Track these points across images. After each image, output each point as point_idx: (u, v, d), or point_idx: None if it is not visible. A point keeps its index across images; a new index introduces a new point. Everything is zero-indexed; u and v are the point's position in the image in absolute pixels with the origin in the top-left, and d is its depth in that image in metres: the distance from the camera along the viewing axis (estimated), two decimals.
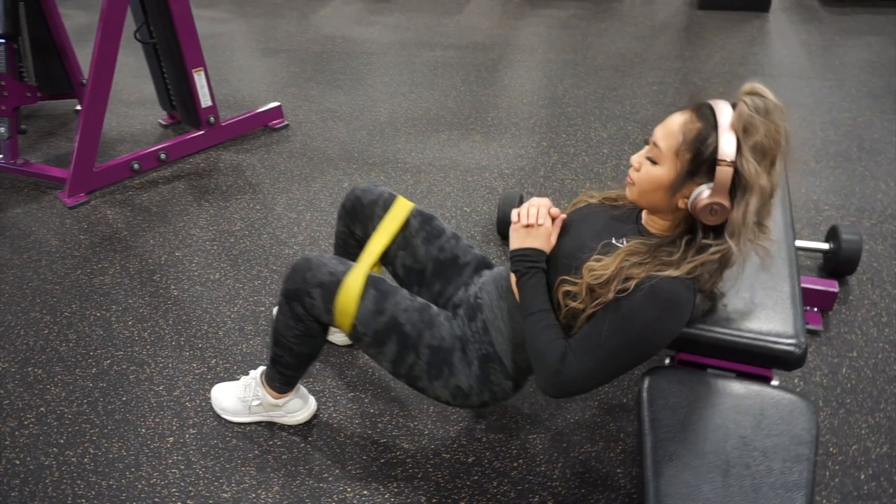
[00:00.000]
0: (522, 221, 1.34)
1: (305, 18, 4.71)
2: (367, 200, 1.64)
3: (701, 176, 1.15)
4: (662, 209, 1.23)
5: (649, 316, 1.14)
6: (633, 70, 3.71)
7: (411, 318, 1.41)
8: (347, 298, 1.38)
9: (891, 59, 3.71)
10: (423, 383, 1.44)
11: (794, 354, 1.21)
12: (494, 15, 4.64)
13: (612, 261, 1.19)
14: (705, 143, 1.13)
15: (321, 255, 1.44)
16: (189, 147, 2.97)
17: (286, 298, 1.45)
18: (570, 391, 1.23)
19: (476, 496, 1.55)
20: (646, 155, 1.22)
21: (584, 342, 1.20)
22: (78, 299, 2.18)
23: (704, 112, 1.16)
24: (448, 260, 1.60)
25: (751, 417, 1.10)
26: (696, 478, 1.01)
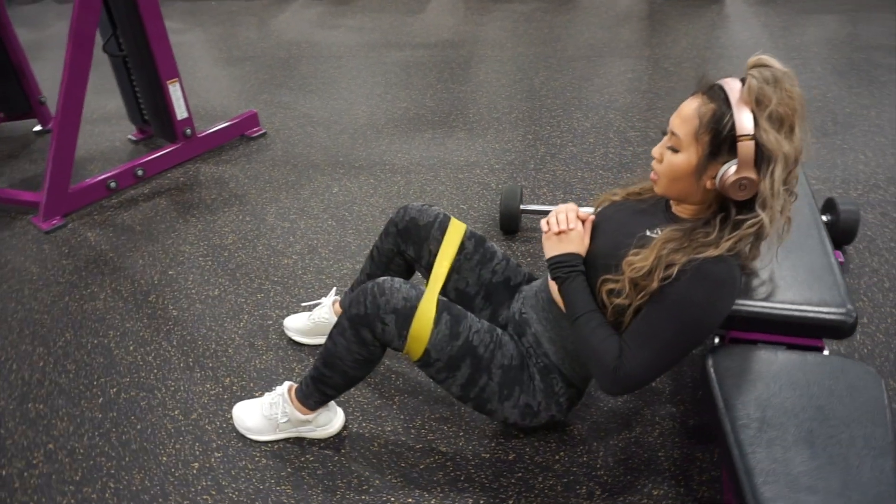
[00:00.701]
0: (553, 229, 1.34)
1: (265, 24, 4.60)
2: (423, 222, 1.61)
3: (723, 155, 1.15)
4: (691, 195, 1.24)
5: (699, 298, 1.14)
6: (604, 59, 3.75)
7: (483, 339, 1.40)
8: (423, 324, 1.36)
9: (848, 35, 3.84)
10: (493, 405, 1.43)
11: (847, 323, 1.23)
12: (458, 12, 4.62)
13: (650, 252, 1.19)
14: (722, 122, 1.14)
15: (392, 280, 1.40)
16: (167, 161, 2.85)
17: (354, 323, 1.41)
18: (632, 386, 1.23)
19: (523, 493, 1.52)
20: (666, 145, 1.23)
21: (638, 335, 1.19)
22: (71, 327, 2.07)
23: (715, 92, 1.17)
24: (500, 283, 1.60)
25: (822, 387, 1.10)
26: (785, 452, 1.00)
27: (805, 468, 0.98)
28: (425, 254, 1.63)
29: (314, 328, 1.90)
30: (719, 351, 1.22)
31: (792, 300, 1.26)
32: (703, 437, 1.61)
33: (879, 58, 3.54)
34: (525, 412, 1.45)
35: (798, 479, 0.98)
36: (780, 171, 1.13)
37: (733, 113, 1.13)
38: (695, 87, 1.23)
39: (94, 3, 2.41)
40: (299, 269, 2.26)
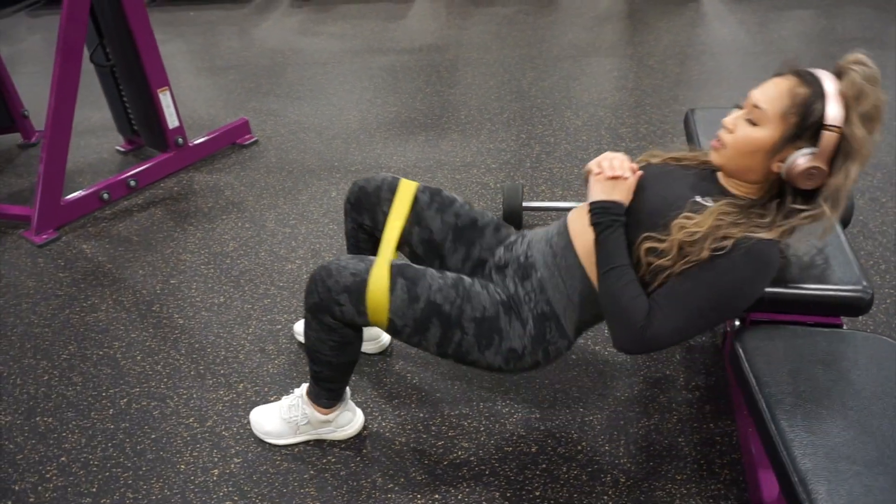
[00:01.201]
0: (607, 173, 1.28)
1: (246, 34, 4.58)
2: (371, 188, 1.58)
3: (802, 140, 1.15)
4: (752, 172, 1.22)
5: (745, 275, 1.14)
6: (589, 59, 3.80)
7: (448, 296, 1.35)
8: (377, 295, 1.33)
9: (822, 29, 3.94)
10: (474, 356, 1.38)
11: (864, 300, 1.26)
12: (440, 17, 4.65)
13: (704, 219, 1.17)
14: (812, 108, 1.13)
15: (338, 259, 1.38)
16: (159, 171, 2.82)
17: (313, 313, 1.39)
18: (654, 348, 1.20)
19: (549, 484, 1.53)
20: (745, 117, 1.22)
21: (673, 298, 1.18)
22: (74, 340, 2.03)
23: (809, 79, 1.16)
24: (467, 224, 1.54)
25: (847, 361, 1.13)
26: (821, 424, 1.02)
27: (841, 439, 1.00)
28: (381, 218, 1.57)
29: None
30: (745, 332, 1.24)
31: (809, 281, 1.28)
32: (721, 421, 1.64)
33: (855, 50, 3.63)
34: (509, 357, 1.38)
35: (835, 449, 1.00)
36: (855, 170, 1.14)
37: (826, 102, 1.13)
38: (781, 69, 1.23)
39: (81, 16, 2.38)
40: (304, 273, 2.25)
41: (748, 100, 1.22)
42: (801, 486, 0.96)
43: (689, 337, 1.21)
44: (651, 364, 1.82)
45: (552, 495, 1.50)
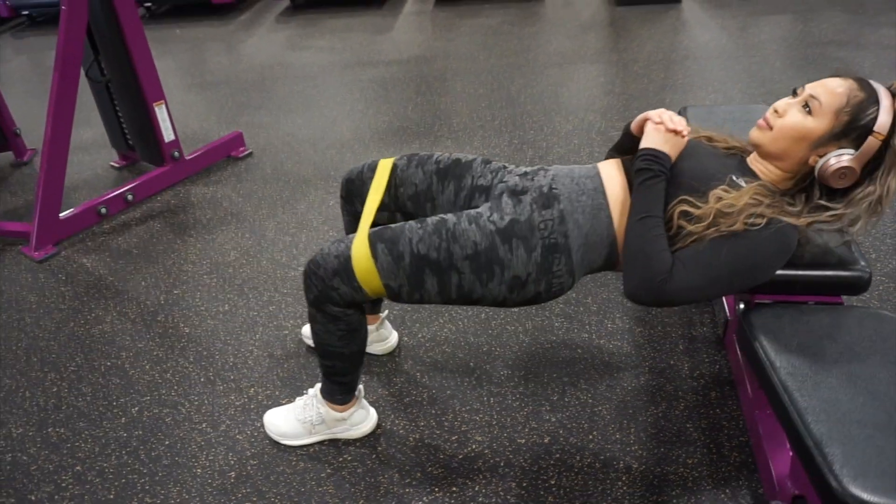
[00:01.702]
0: (668, 124, 1.32)
1: (234, 49, 4.61)
2: (354, 175, 1.65)
3: (846, 140, 1.22)
4: (790, 158, 1.28)
5: (768, 252, 1.20)
6: (575, 66, 3.87)
7: (431, 243, 1.35)
8: (364, 266, 1.35)
9: (801, 33, 4.06)
10: (479, 292, 1.38)
11: (864, 279, 1.31)
12: (426, 29, 4.72)
13: (741, 195, 1.22)
14: (865, 112, 1.20)
15: (320, 249, 1.42)
16: (156, 185, 2.83)
17: (315, 307, 1.43)
18: (669, 301, 1.23)
19: (564, 473, 1.55)
20: (800, 104, 1.27)
21: (698, 259, 1.22)
22: (81, 351, 2.03)
23: (867, 86, 1.23)
24: (449, 165, 1.56)
25: (851, 334, 1.18)
26: (831, 392, 1.07)
27: (851, 406, 1.05)
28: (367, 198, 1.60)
29: None
30: (753, 312, 1.28)
31: (810, 262, 1.33)
32: (727, 407, 1.68)
33: (832, 52, 3.75)
34: (513, 284, 1.37)
35: (847, 415, 1.04)
36: (894, 180, 1.21)
37: (880, 110, 1.20)
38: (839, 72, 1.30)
39: (79, 33, 2.40)
40: None
41: (804, 90, 1.27)
42: (817, 449, 1.00)
43: (703, 298, 1.25)
44: (655, 355, 1.86)
45: (567, 483, 1.53)
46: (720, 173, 1.31)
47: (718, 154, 1.41)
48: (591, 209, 1.37)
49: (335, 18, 5.07)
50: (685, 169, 1.33)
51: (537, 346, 1.92)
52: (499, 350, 1.92)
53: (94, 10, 2.51)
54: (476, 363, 1.88)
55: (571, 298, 2.09)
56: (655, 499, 1.48)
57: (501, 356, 1.89)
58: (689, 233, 1.25)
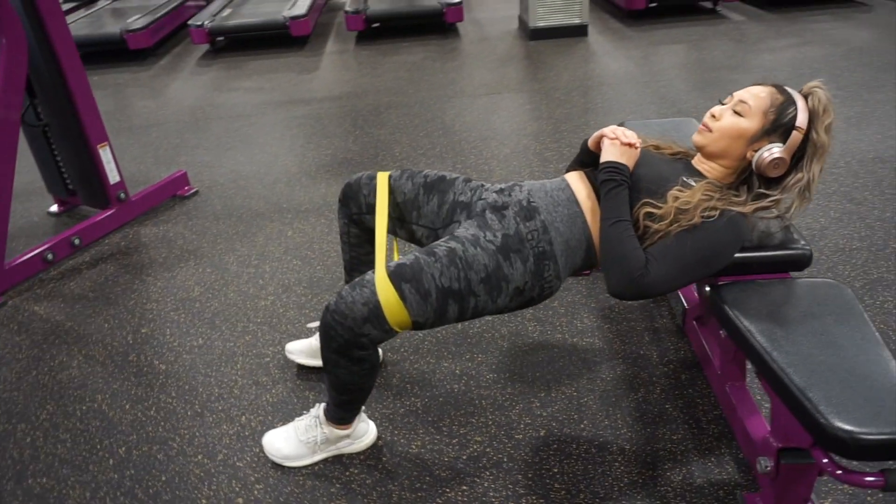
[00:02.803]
0: (622, 139, 1.49)
1: (159, 93, 4.54)
2: (353, 181, 1.75)
3: (775, 136, 1.44)
4: (731, 155, 1.49)
5: (726, 239, 1.38)
6: (501, 95, 4.10)
7: (451, 275, 1.42)
8: (395, 309, 1.39)
9: (696, 60, 4.48)
10: (490, 308, 1.48)
11: (807, 255, 1.52)
12: (351, 67, 4.84)
13: (694, 192, 1.41)
14: (786, 112, 1.43)
15: (340, 297, 1.42)
16: (103, 227, 2.76)
17: (340, 353, 1.43)
18: (647, 293, 1.38)
19: (564, 461, 1.66)
20: (732, 108, 1.49)
21: (667, 253, 1.38)
22: (50, 399, 1.95)
23: (783, 91, 1.47)
24: (435, 180, 1.67)
25: (809, 301, 1.37)
26: (803, 347, 1.24)
27: (822, 357, 1.22)
28: (362, 201, 1.71)
29: None
30: (723, 289, 1.45)
31: (759, 245, 1.54)
32: (697, 386, 1.85)
33: (725, 75, 4.18)
34: (514, 295, 1.48)
35: (819, 365, 1.21)
36: (818, 168, 1.43)
37: (798, 109, 1.43)
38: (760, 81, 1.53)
39: (19, 81, 2.34)
40: (279, 307, 2.28)
41: (732, 98, 1.50)
42: (802, 395, 1.16)
43: (677, 287, 1.41)
44: (625, 347, 2.01)
45: (569, 469, 1.63)
46: (672, 176, 1.50)
47: (667, 160, 1.60)
48: (568, 217, 1.52)
49: (257, 60, 5.10)
50: (642, 176, 1.51)
51: (516, 350, 2.03)
52: (481, 356, 2.01)
53: (33, 54, 2.45)
54: (462, 370, 1.96)
55: (540, 304, 2.22)
56: (651, 474, 1.61)
57: (484, 361, 1.99)
58: (654, 231, 1.43)
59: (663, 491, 1.56)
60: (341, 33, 5.71)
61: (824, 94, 1.45)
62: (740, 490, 1.55)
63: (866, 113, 3.46)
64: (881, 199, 2.70)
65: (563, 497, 1.56)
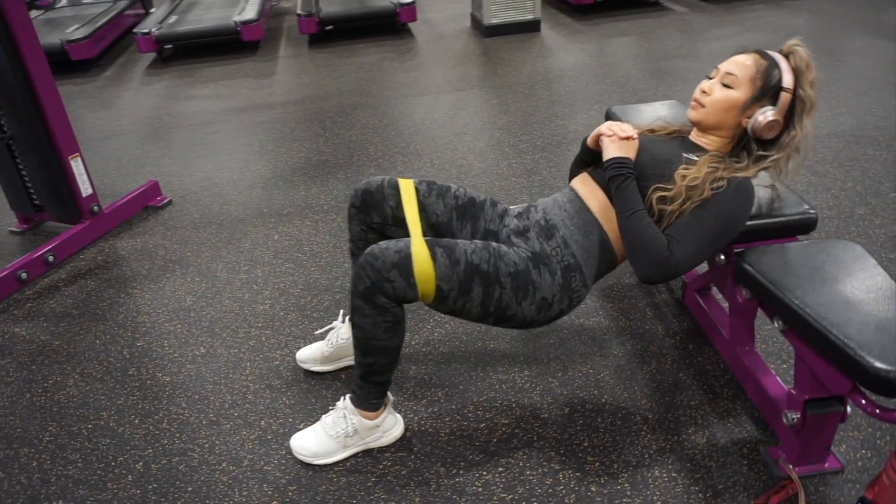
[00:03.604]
0: (620, 134, 1.55)
1: (111, 105, 4.38)
2: (374, 188, 1.70)
3: (765, 100, 1.51)
4: (726, 126, 1.56)
5: (738, 205, 1.45)
6: (466, 92, 4.13)
7: (482, 256, 1.48)
8: (423, 265, 1.44)
9: (648, 50, 4.63)
10: (513, 309, 1.51)
11: (813, 219, 1.62)
12: (310, 71, 4.78)
13: (699, 168, 1.48)
14: (772, 75, 1.51)
15: (377, 244, 1.47)
16: (77, 242, 2.64)
17: (364, 297, 1.46)
18: (675, 274, 1.44)
19: (592, 434, 1.69)
20: (720, 81, 1.55)
21: (686, 231, 1.44)
22: (51, 420, 1.86)
23: (766, 55, 1.54)
24: (466, 203, 1.70)
25: (820, 258, 1.45)
26: (826, 297, 1.33)
27: (853, 307, 1.30)
28: (388, 212, 1.69)
29: (336, 352, 1.92)
30: (745, 254, 1.52)
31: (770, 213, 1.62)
32: (705, 354, 1.92)
33: (678, 63, 4.33)
34: (542, 306, 1.53)
35: (846, 309, 1.29)
36: (810, 122, 1.51)
37: (782, 71, 1.50)
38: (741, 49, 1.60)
39: None
40: (279, 310, 2.24)
41: (718, 71, 1.55)
42: (842, 341, 1.23)
43: (701, 261, 1.47)
44: (631, 324, 2.07)
45: (598, 442, 1.67)
46: (674, 156, 1.56)
47: (665, 141, 1.67)
48: (583, 227, 1.58)
49: (210, 67, 4.97)
50: (645, 163, 1.57)
51: (525, 335, 2.06)
52: (492, 344, 2.03)
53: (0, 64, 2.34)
54: (476, 358, 1.97)
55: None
56: (677, 439, 1.66)
57: (497, 348, 2.01)
58: (669, 212, 1.49)
59: (691, 453, 1.62)
60: (293, 37, 5.64)
61: (804, 51, 1.53)
62: (762, 446, 1.62)
63: None
64: (841, 170, 2.86)
65: (597, 469, 1.60)
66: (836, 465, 1.54)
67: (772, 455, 1.57)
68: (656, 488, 1.54)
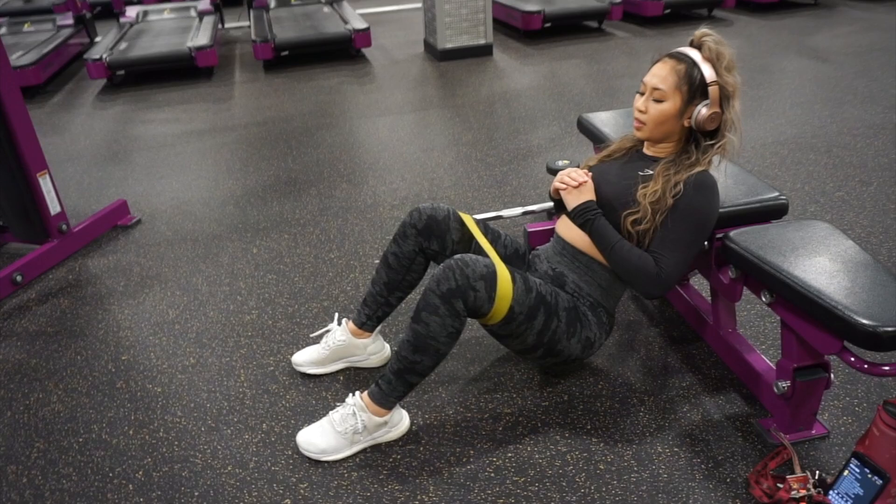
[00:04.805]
0: (572, 184, 1.67)
1: (62, 130, 4.26)
2: (440, 216, 1.79)
3: (696, 99, 1.60)
4: (671, 133, 1.66)
5: (703, 200, 1.58)
6: (428, 111, 4.23)
7: (547, 290, 1.63)
8: (505, 284, 1.54)
9: (598, 71, 4.86)
10: (563, 344, 1.65)
11: (785, 204, 1.74)
12: (268, 94, 4.78)
13: (656, 181, 1.60)
14: (693, 76, 1.58)
15: (466, 254, 1.55)
16: (46, 262, 2.56)
17: (444, 298, 1.51)
18: (670, 285, 1.58)
19: (593, 417, 1.75)
20: (652, 98, 1.63)
21: (666, 244, 1.57)
22: (37, 437, 1.79)
23: (680, 56, 1.61)
24: (513, 253, 1.85)
25: (795, 237, 1.57)
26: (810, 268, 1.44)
27: (836, 276, 1.41)
28: (449, 244, 1.80)
29: (332, 354, 1.93)
30: (729, 238, 1.63)
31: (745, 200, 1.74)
32: (689, 341, 2.02)
33: (626, 82, 4.56)
34: (585, 345, 1.69)
35: (837, 281, 1.40)
36: (738, 104, 1.61)
37: (701, 68, 1.58)
38: (656, 57, 1.67)
39: None
40: (267, 319, 2.23)
41: (646, 86, 1.65)
42: (825, 298, 1.35)
43: (689, 264, 1.61)
44: (617, 316, 2.15)
45: (601, 424, 1.73)
46: (631, 178, 1.68)
47: (621, 163, 1.78)
48: (586, 266, 1.71)
49: (165, 93, 4.91)
50: (608, 194, 1.69)
51: None
52: (486, 341, 2.07)
53: None
54: (472, 355, 2.01)
55: None
56: (674, 417, 1.74)
57: (492, 344, 2.05)
58: (643, 231, 1.61)
59: (689, 429, 1.69)
60: (247, 63, 5.63)
61: (712, 39, 1.60)
62: (753, 418, 1.71)
63: (754, 107, 3.91)
64: (789, 173, 3.07)
65: (602, 448, 1.65)
66: (823, 430, 1.64)
67: (763, 426, 1.67)
68: (661, 462, 1.60)
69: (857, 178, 2.98)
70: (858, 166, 3.09)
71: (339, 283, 2.41)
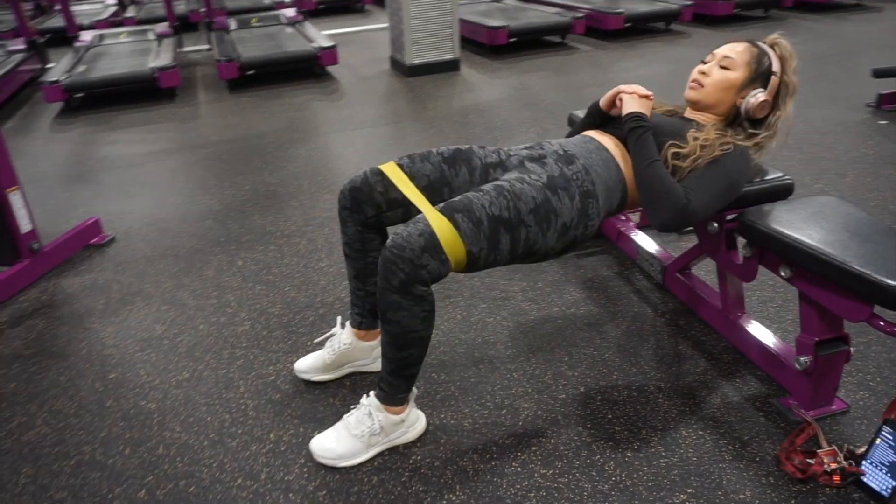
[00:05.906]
0: (640, 93, 1.68)
1: (21, 153, 4.08)
2: (359, 183, 1.66)
3: (756, 83, 1.69)
4: (723, 104, 1.71)
5: (742, 167, 1.60)
6: (403, 124, 4.20)
7: (501, 204, 1.46)
8: (449, 236, 1.41)
9: (567, 82, 4.92)
10: (539, 243, 1.51)
11: (791, 185, 1.76)
12: (236, 113, 4.69)
13: (708, 132, 1.62)
14: (763, 61, 1.69)
15: (394, 237, 1.43)
16: (17, 282, 2.41)
17: (401, 291, 1.41)
18: (692, 220, 1.53)
19: (614, 407, 1.71)
20: (719, 64, 1.72)
21: (701, 183, 1.56)
22: (23, 462, 1.65)
23: (756, 44, 1.72)
24: (453, 153, 1.68)
25: (806, 211, 1.59)
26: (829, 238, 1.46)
27: (857, 243, 1.43)
28: (379, 199, 1.64)
29: (338, 359, 1.85)
30: (746, 215, 1.63)
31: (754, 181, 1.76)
32: (697, 328, 2.01)
33: (597, 91, 4.53)
34: (561, 232, 1.54)
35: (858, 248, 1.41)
36: (791, 104, 1.69)
37: (771, 58, 1.69)
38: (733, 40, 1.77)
39: None
40: (261, 329, 2.14)
41: (714, 56, 1.72)
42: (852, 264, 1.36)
43: (713, 212, 1.60)
44: (620, 308, 2.13)
45: (621, 413, 1.69)
46: (682, 124, 1.70)
47: (664, 114, 1.81)
48: (603, 162, 1.64)
49: (127, 114, 4.77)
50: (660, 123, 1.70)
51: (523, 327, 2.07)
52: (492, 338, 2.03)
53: None
54: (480, 353, 1.96)
55: (526, 286, 2.29)
56: (693, 402, 1.72)
57: (499, 341, 2.01)
58: (682, 168, 1.60)
59: (710, 413, 1.67)
60: (210, 84, 5.52)
61: (787, 42, 1.72)
62: (772, 398, 1.70)
63: None
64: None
65: (627, 436, 1.62)
66: (843, 405, 1.64)
67: (784, 404, 1.66)
68: (688, 447, 1.58)
69: (832, 171, 3.06)
70: (832, 160, 3.18)
71: (332, 291, 2.34)
